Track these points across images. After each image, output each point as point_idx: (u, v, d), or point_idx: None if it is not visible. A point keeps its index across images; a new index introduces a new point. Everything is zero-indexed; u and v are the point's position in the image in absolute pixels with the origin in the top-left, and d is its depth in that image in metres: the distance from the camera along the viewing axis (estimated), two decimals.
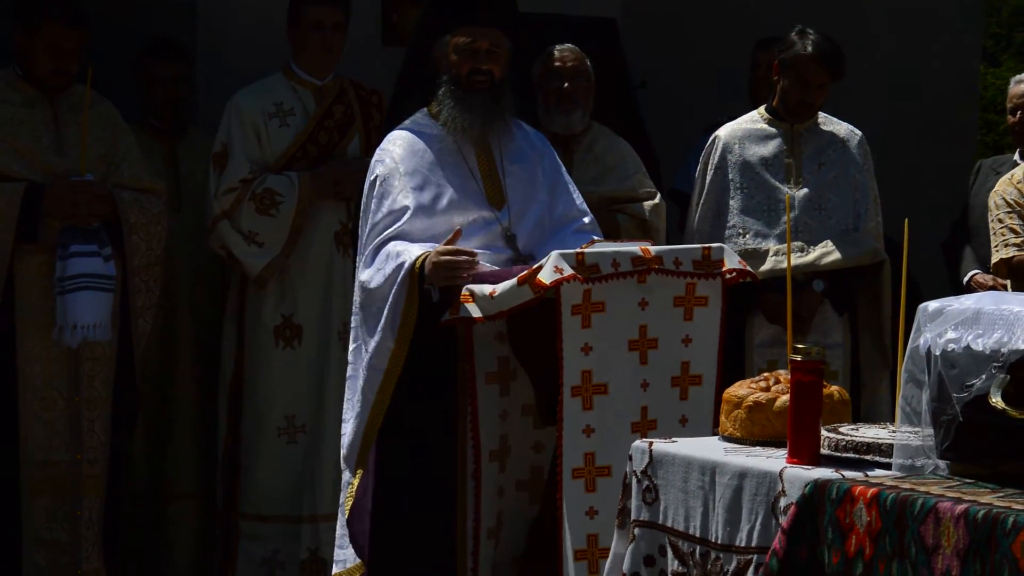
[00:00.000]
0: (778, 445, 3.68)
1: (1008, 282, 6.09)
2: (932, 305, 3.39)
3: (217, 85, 6.58)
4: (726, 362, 4.94)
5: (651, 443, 3.82)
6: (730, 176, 6.10)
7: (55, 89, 5.79)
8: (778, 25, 6.55)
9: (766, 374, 3.94)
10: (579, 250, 4.70)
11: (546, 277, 4.60)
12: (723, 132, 6.17)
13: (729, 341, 5.00)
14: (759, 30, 7.26)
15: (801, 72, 6.00)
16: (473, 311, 4.74)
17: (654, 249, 4.82)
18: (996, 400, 3.19)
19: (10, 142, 5.69)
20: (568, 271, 4.60)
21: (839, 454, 3.54)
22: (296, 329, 6.17)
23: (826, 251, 5.99)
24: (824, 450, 3.55)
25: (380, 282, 4.91)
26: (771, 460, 3.58)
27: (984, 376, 3.22)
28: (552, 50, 6.22)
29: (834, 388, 3.86)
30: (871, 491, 3.20)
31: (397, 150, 5.09)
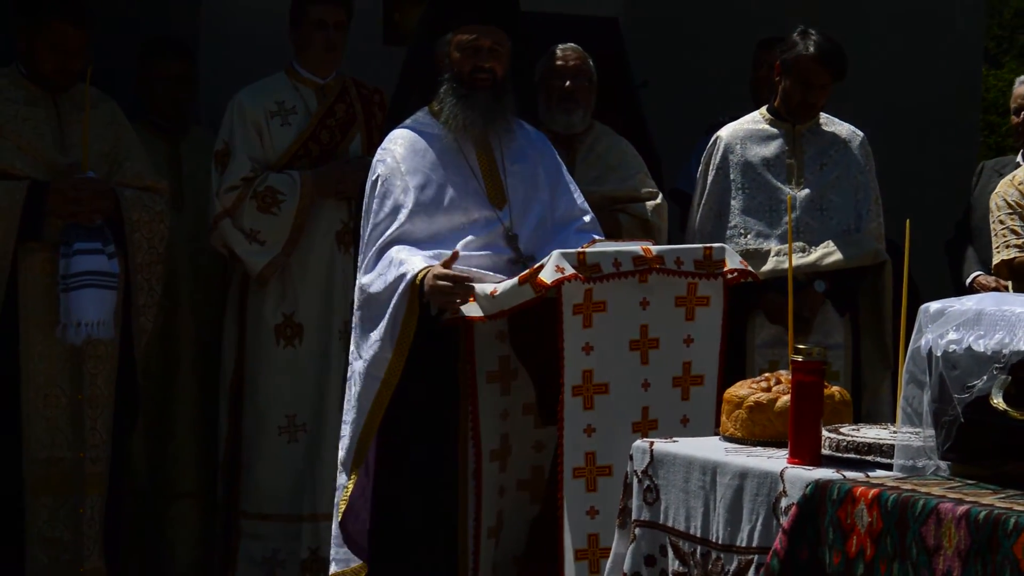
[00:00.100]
0: (779, 445, 3.68)
1: (1009, 283, 6.09)
2: (933, 306, 3.39)
3: (219, 83, 6.58)
4: (727, 362, 4.94)
5: (652, 443, 3.82)
6: (732, 176, 6.10)
7: (59, 87, 5.78)
8: (780, 25, 6.55)
9: (767, 374, 3.94)
10: (580, 249, 4.70)
11: (547, 276, 4.59)
12: (725, 132, 6.17)
13: (730, 341, 4.99)
14: (761, 30, 7.26)
15: (803, 73, 6.00)
16: (474, 310, 4.74)
17: (655, 249, 4.81)
18: (997, 401, 3.19)
19: (13, 140, 5.69)
20: (569, 270, 4.59)
21: (840, 455, 3.54)
22: (297, 328, 6.17)
23: (827, 252, 5.99)
24: (825, 451, 3.55)
25: (380, 288, 4.90)
26: (772, 460, 3.58)
27: (985, 377, 3.22)
28: (555, 49, 6.22)
29: (835, 389, 3.86)
30: (872, 492, 3.20)
31: (398, 149, 5.08)
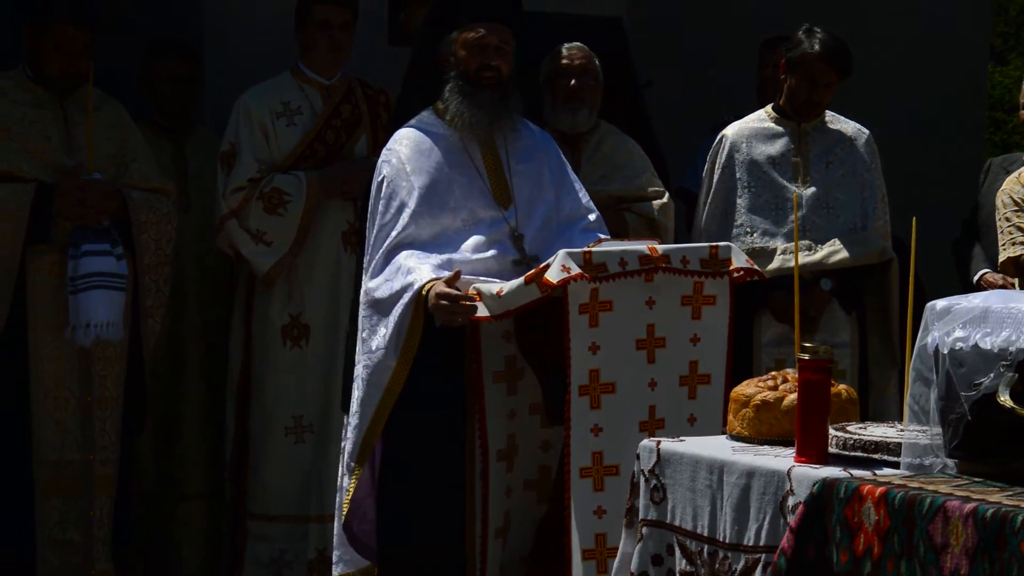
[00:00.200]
0: (786, 444, 3.67)
1: (1016, 280, 6.08)
2: (940, 303, 3.39)
3: (224, 84, 6.58)
4: (734, 361, 4.94)
5: (659, 442, 3.81)
6: (737, 175, 6.09)
7: (65, 89, 5.78)
8: (785, 24, 6.54)
9: (774, 373, 3.93)
10: (586, 249, 4.69)
11: (553, 276, 4.59)
12: (730, 131, 6.16)
13: (737, 340, 4.99)
14: (765, 29, 7.26)
15: (808, 71, 5.99)
16: (481, 310, 4.74)
17: (661, 248, 4.81)
18: (1004, 399, 3.18)
19: (20, 143, 5.69)
20: (575, 270, 4.59)
21: (847, 453, 3.53)
22: (304, 328, 6.17)
23: (834, 250, 5.99)
24: (832, 449, 3.55)
25: (386, 295, 4.88)
26: (779, 459, 3.57)
27: (992, 374, 3.22)
28: (561, 48, 6.21)
29: (842, 387, 3.86)
30: (879, 490, 3.20)
31: (404, 150, 5.07)
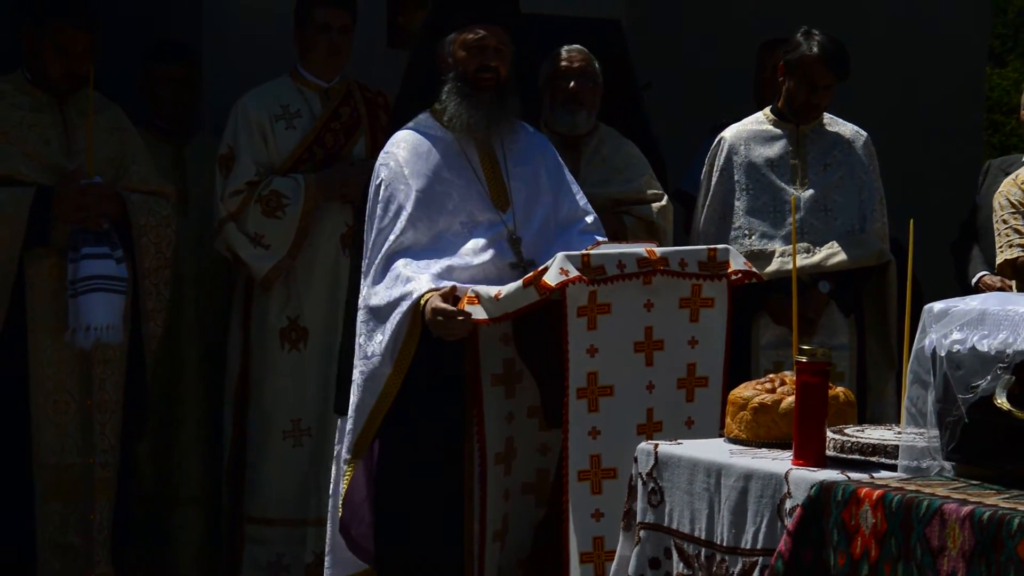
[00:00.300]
0: (784, 447, 3.67)
1: (1013, 283, 6.09)
2: (937, 306, 3.39)
3: (223, 87, 6.58)
4: (732, 364, 4.93)
5: (656, 445, 3.81)
6: (736, 177, 6.10)
7: (65, 92, 5.78)
8: (782, 26, 6.55)
9: (772, 375, 3.93)
10: (584, 252, 4.69)
11: (551, 279, 4.58)
12: (729, 133, 6.17)
13: (735, 342, 4.99)
14: (763, 31, 7.26)
15: (807, 73, 6.00)
16: (479, 313, 4.73)
17: (659, 250, 4.80)
18: (1001, 401, 3.19)
19: (19, 146, 5.69)
20: (574, 273, 4.58)
21: (845, 456, 3.53)
22: (302, 332, 6.17)
23: (832, 252, 5.99)
24: (830, 452, 3.55)
25: (384, 302, 4.87)
26: (776, 462, 3.57)
27: (989, 377, 3.22)
28: (560, 50, 6.22)
29: (840, 389, 3.86)
30: (877, 493, 3.20)
31: (401, 152, 5.07)
